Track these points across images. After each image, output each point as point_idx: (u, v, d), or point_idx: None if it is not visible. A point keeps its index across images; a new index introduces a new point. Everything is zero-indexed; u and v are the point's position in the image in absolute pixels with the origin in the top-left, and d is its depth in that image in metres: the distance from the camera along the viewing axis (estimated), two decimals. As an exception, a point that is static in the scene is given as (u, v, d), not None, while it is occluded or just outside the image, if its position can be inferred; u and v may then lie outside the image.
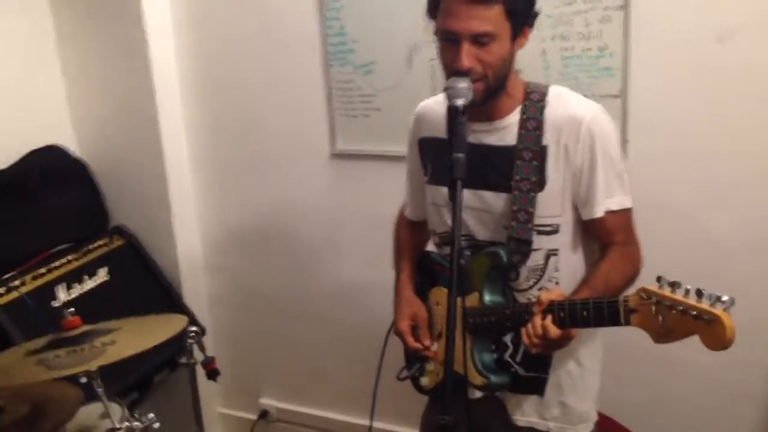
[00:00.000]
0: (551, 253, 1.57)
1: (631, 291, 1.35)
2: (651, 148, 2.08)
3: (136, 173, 2.86)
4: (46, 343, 1.76)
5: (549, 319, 1.39)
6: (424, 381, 1.75)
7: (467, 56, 1.41)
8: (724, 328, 1.12)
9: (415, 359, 1.77)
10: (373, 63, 2.47)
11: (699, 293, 1.19)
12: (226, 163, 2.88)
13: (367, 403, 1.82)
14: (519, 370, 1.60)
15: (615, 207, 1.54)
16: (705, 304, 1.16)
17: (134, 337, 1.77)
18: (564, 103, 1.53)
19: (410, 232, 1.91)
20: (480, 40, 1.41)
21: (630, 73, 2.05)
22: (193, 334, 2.00)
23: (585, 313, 1.36)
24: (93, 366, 1.65)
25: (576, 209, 1.56)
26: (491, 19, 1.39)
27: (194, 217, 2.98)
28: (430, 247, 1.84)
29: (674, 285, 1.22)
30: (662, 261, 1.51)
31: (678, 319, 1.19)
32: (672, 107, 2.04)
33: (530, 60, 2.09)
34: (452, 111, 1.38)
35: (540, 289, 1.57)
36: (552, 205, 1.53)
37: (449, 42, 1.44)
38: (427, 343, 1.70)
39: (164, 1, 2.73)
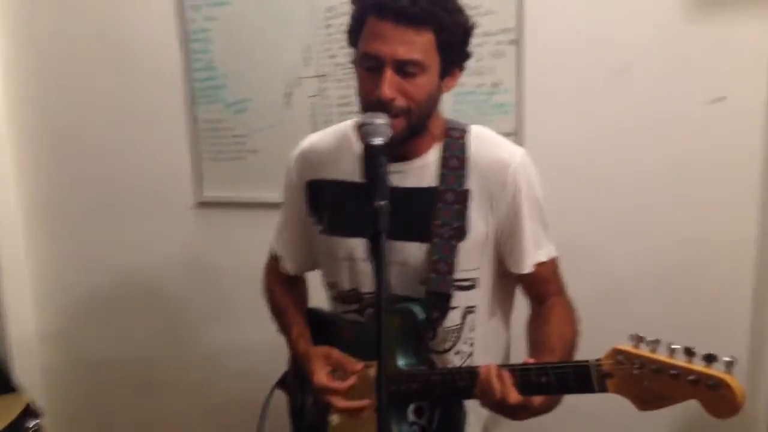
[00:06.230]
0: (468, 311, 1.39)
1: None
2: (548, 186, 2.02)
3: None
4: None
5: (508, 380, 1.17)
6: None
7: (390, 85, 1.23)
8: (734, 393, 0.97)
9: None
10: (248, 100, 2.26)
11: (689, 352, 1.03)
12: (70, 220, 2.56)
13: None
14: None
15: (544, 258, 1.40)
16: (702, 367, 1.01)
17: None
18: (488, 146, 1.38)
19: (287, 287, 1.63)
20: (406, 69, 1.23)
21: (525, 109, 2.00)
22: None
23: (543, 378, 1.16)
24: None
25: (498, 262, 1.41)
26: (420, 47, 1.23)
27: (27, 282, 2.61)
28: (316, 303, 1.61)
29: (655, 343, 1.06)
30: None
31: (670, 384, 1.03)
32: (567, 144, 2.01)
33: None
34: (371, 151, 1.16)
35: (457, 353, 1.40)
36: (472, 257, 1.36)
37: (371, 70, 1.26)
38: (359, 366, 1.39)
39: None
